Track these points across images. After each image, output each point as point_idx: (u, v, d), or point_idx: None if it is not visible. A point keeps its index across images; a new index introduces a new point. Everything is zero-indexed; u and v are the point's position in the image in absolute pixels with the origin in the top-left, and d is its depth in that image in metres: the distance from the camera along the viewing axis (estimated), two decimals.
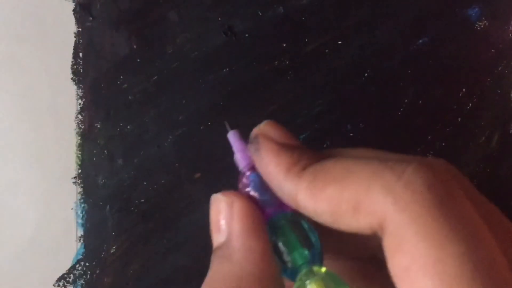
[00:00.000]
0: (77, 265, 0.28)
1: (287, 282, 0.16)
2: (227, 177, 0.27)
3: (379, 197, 0.14)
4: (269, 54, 0.28)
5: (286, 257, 0.16)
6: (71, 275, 0.28)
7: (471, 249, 0.13)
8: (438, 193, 0.13)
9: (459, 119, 0.28)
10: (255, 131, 0.17)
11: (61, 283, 0.28)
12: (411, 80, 0.28)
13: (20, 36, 0.29)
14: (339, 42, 0.28)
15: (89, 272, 0.28)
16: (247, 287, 0.15)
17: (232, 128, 0.18)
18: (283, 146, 0.16)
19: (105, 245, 0.28)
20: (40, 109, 0.29)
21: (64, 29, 0.29)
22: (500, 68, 0.28)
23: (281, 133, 0.17)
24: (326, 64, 0.28)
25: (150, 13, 0.28)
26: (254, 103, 0.28)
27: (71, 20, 0.29)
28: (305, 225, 0.16)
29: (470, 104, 0.28)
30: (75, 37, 0.29)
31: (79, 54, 0.29)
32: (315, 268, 0.15)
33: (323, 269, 0.15)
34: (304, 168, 0.15)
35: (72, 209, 0.29)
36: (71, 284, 0.28)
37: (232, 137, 0.18)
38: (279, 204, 0.16)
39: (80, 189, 0.29)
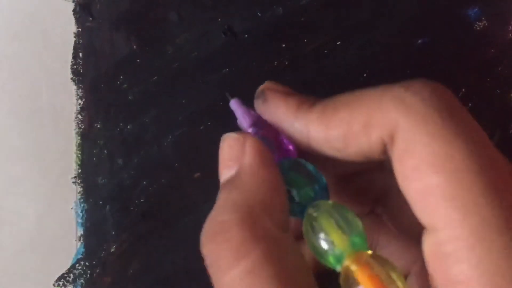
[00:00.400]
0: (77, 265, 0.29)
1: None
2: None
3: (390, 107, 0.15)
4: (268, 54, 0.28)
5: (294, 196, 0.16)
6: (71, 275, 0.29)
7: (478, 147, 0.14)
8: (446, 100, 0.15)
9: None
10: (260, 88, 0.18)
11: (61, 283, 0.29)
12: (410, 80, 0.28)
13: (20, 36, 0.29)
14: (338, 43, 0.28)
15: (89, 272, 0.29)
16: (258, 214, 0.15)
17: (232, 97, 0.19)
18: (288, 93, 0.17)
19: (105, 245, 0.29)
20: (40, 109, 0.29)
21: (64, 29, 0.29)
22: (500, 68, 0.28)
23: (284, 87, 0.18)
24: (326, 65, 0.28)
25: (150, 13, 0.29)
26: (253, 103, 0.28)
27: (71, 20, 0.29)
28: (310, 166, 0.17)
29: (470, 104, 0.28)
30: (75, 37, 0.29)
31: (79, 54, 0.29)
32: (322, 202, 0.16)
33: (330, 202, 0.16)
34: (313, 104, 0.16)
35: (72, 208, 0.29)
36: (71, 283, 0.29)
37: (234, 104, 0.19)
38: (283, 152, 0.17)
39: (80, 189, 0.29)
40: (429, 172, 0.14)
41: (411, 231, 0.17)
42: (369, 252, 0.15)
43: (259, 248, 0.14)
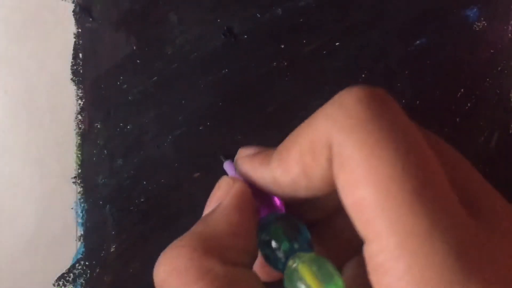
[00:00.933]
0: (77, 264, 0.29)
1: None
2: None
3: (323, 127, 0.15)
4: (267, 55, 0.28)
5: (278, 252, 0.17)
6: (71, 274, 0.29)
7: (405, 154, 0.13)
8: (370, 106, 0.14)
9: (457, 119, 0.28)
10: (235, 159, 0.20)
11: (61, 282, 0.29)
12: (408, 81, 0.28)
13: (20, 36, 0.30)
14: (337, 44, 0.28)
15: (89, 271, 0.29)
16: (212, 250, 0.15)
17: (226, 158, 0.21)
18: (253, 154, 0.19)
19: (105, 245, 0.29)
20: (40, 110, 0.30)
21: (64, 30, 0.29)
22: (499, 68, 0.28)
23: (250, 149, 0.19)
24: (324, 65, 0.28)
25: (150, 14, 0.29)
26: (252, 104, 0.29)
27: (71, 21, 0.29)
28: (294, 221, 0.18)
29: (469, 105, 0.29)
30: (75, 38, 0.29)
31: (79, 55, 0.29)
32: (301, 254, 0.17)
33: (309, 254, 0.17)
34: (272, 155, 0.17)
35: (72, 208, 0.29)
36: (71, 283, 0.29)
37: (227, 165, 0.21)
38: (272, 208, 0.19)
39: (80, 189, 0.29)
40: (358, 186, 0.14)
41: None
42: None
43: (203, 281, 0.15)
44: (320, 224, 0.20)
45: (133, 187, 0.29)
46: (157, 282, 0.16)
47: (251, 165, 0.18)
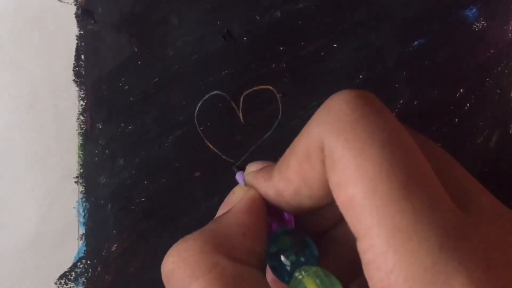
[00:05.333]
0: (79, 263, 0.30)
1: None
2: (225, 175, 0.29)
3: (315, 131, 0.16)
4: (266, 57, 0.29)
5: (285, 263, 0.18)
6: (73, 273, 0.30)
7: (388, 150, 0.14)
8: (357, 108, 0.15)
9: (456, 119, 0.29)
10: (244, 175, 0.21)
11: (62, 281, 0.30)
12: (406, 81, 0.29)
13: (24, 39, 0.31)
14: (335, 45, 0.29)
15: (90, 270, 0.30)
16: (221, 245, 0.16)
17: (238, 170, 0.23)
18: (258, 170, 0.20)
19: (106, 244, 0.30)
20: (43, 110, 0.31)
21: (66, 32, 0.30)
22: (499, 68, 0.29)
23: (256, 164, 0.21)
24: (322, 67, 0.29)
25: (151, 17, 0.30)
26: (252, 105, 0.29)
27: (73, 23, 0.30)
28: (302, 234, 0.19)
29: (468, 105, 0.29)
30: (77, 40, 0.30)
31: (81, 57, 0.30)
32: (308, 267, 0.18)
33: (315, 267, 0.18)
34: (274, 170, 0.18)
35: (74, 208, 0.30)
36: (72, 281, 0.30)
37: (239, 177, 0.22)
38: (280, 223, 0.20)
39: (82, 188, 0.30)
40: (348, 185, 0.15)
41: None
42: None
43: (210, 274, 0.15)
44: (327, 235, 0.21)
45: (134, 186, 0.30)
46: (165, 273, 0.17)
47: (256, 181, 0.19)
